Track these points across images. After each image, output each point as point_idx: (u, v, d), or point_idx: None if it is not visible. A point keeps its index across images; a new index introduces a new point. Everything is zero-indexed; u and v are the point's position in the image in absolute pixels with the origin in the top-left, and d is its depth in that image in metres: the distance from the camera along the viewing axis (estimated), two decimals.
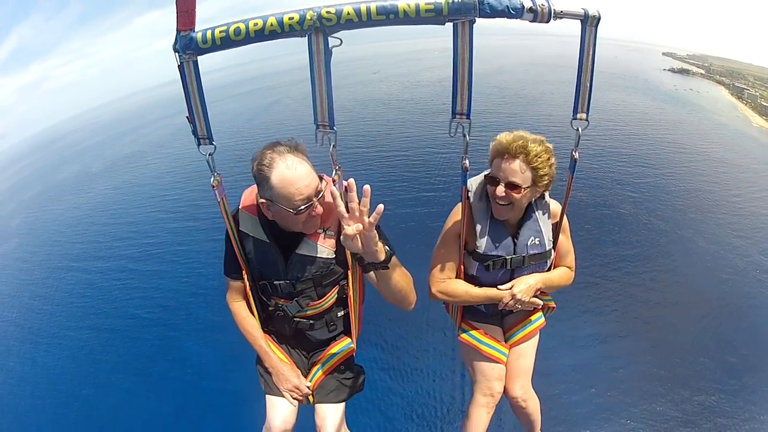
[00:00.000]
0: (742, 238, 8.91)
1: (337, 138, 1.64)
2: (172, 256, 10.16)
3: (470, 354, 2.35)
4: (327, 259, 1.90)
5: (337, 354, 2.15)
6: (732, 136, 21.08)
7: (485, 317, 2.38)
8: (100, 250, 11.25)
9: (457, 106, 1.64)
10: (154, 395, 6.12)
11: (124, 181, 17.74)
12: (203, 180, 1.98)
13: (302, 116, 17.48)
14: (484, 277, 2.16)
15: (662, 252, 8.28)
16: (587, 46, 1.66)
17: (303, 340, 2.17)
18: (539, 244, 2.12)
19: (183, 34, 1.53)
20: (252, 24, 1.50)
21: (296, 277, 1.91)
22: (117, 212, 14.27)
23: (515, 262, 2.11)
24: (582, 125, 1.82)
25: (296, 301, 1.97)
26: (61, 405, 6.20)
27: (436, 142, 12.51)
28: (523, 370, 2.32)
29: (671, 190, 11.69)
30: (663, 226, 9.16)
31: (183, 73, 1.58)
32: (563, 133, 2.15)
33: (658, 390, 5.26)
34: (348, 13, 1.49)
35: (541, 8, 1.52)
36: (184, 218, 12.37)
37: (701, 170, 13.59)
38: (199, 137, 1.69)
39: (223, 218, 1.86)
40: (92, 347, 7.51)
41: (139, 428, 5.57)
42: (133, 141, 28.04)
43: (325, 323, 2.09)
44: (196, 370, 6.40)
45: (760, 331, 6.30)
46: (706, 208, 10.63)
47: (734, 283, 7.35)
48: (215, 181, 1.77)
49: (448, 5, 1.49)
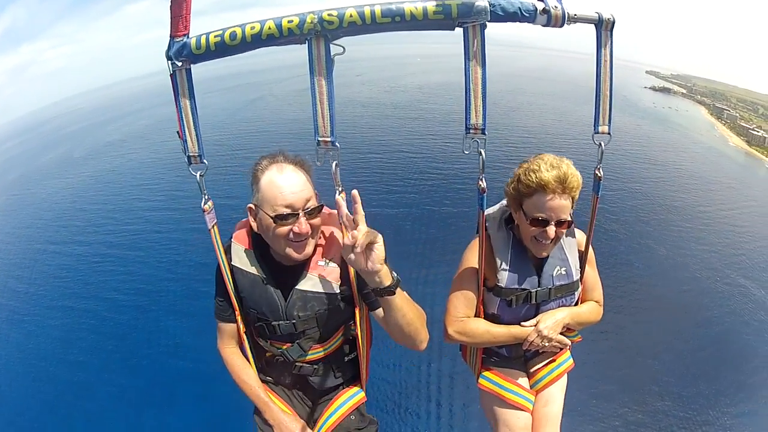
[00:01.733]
0: (705, 249, 9.06)
1: (339, 156, 1.44)
2: (149, 243, 10.19)
3: (492, 402, 2.12)
4: (332, 294, 1.71)
5: (346, 403, 1.94)
6: (707, 153, 21.34)
7: (508, 361, 2.15)
8: (79, 234, 11.18)
9: (471, 119, 1.49)
10: (126, 372, 6.16)
11: (105, 169, 17.66)
12: (182, 171, 1.77)
13: (284, 114, 17.49)
14: (505, 314, 1.96)
15: (623, 260, 8.36)
16: (604, 51, 1.56)
17: (306, 389, 1.95)
18: (566, 275, 1.94)
19: (177, 40, 1.44)
20: (249, 28, 1.41)
21: (297, 316, 1.70)
22: (97, 198, 14.16)
23: (541, 296, 1.92)
24: (605, 139, 1.67)
25: (298, 344, 1.76)
26: (35, 382, 6.21)
27: (420, 147, 12.51)
28: (551, 417, 2.08)
29: (637, 201, 11.75)
30: (624, 234, 9.24)
31: (175, 82, 1.47)
32: (537, 144, 2.06)
33: (612, 391, 5.36)
34: (351, 16, 1.40)
35: (555, 11, 1.44)
36: (161, 207, 12.35)
37: (671, 183, 13.71)
38: (190, 155, 1.54)
39: (214, 249, 1.66)
40: (67, 327, 7.50)
41: (111, 404, 5.61)
42: (116, 129, 27.76)
43: (331, 369, 1.88)
44: (170, 350, 6.45)
45: (720, 340, 6.46)
46: (671, 219, 10.73)
47: (694, 293, 7.49)
48: (207, 206, 1.60)
49: (458, 7, 1.41)
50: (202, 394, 5.58)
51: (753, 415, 5.62)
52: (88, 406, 5.70)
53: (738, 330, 7.48)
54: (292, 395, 1.98)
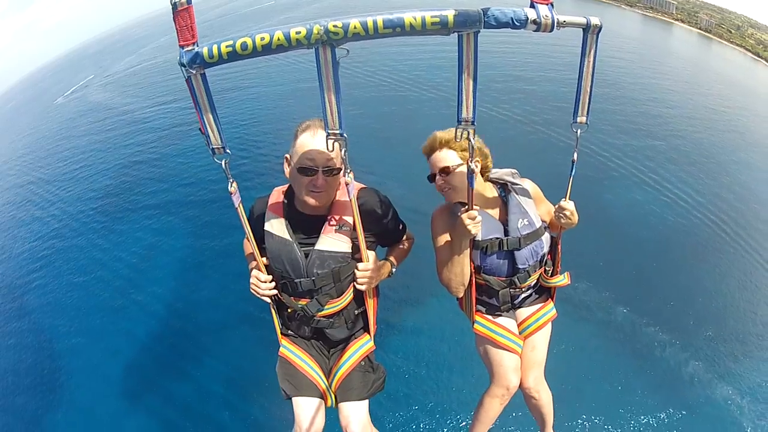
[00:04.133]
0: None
1: (348, 143, 1.70)
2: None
3: (485, 346, 2.38)
4: (344, 253, 2.02)
5: (358, 351, 2.21)
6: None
7: (498, 309, 2.43)
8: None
9: (463, 113, 1.68)
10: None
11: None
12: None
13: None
14: (485, 262, 2.25)
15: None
16: (588, 53, 1.69)
17: (323, 340, 2.25)
18: (529, 224, 2.22)
19: (187, 49, 1.53)
20: (258, 39, 1.50)
21: (316, 273, 2.01)
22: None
23: (511, 243, 2.20)
24: (582, 128, 1.89)
25: (316, 299, 2.06)
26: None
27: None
28: (536, 361, 2.36)
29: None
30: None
31: (192, 87, 1.58)
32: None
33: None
34: (355, 27, 1.50)
35: (545, 20, 1.54)
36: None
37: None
38: (214, 148, 1.72)
39: (242, 224, 1.93)
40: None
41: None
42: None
43: (344, 321, 2.17)
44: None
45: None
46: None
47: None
48: (232, 188, 1.81)
49: (454, 18, 1.51)
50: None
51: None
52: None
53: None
54: (311, 345, 2.25)
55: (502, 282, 2.30)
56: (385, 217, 2.13)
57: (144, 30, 48.59)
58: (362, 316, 2.22)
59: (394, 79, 15.82)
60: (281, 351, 2.21)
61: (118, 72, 27.28)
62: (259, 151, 11.48)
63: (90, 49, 52.40)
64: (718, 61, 32.12)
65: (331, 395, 2.18)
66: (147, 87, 21.24)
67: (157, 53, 29.25)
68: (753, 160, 12.04)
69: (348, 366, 2.18)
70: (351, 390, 2.15)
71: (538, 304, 2.46)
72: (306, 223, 2.04)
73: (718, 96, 18.05)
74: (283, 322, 2.24)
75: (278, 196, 2.12)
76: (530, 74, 16.24)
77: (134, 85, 22.34)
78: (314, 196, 1.94)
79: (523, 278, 2.30)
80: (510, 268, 2.28)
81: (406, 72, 16.26)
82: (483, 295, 2.38)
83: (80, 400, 6.17)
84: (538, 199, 2.32)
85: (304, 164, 1.89)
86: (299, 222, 2.05)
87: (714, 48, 36.90)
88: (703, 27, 40.75)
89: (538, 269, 2.34)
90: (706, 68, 26.88)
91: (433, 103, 13.07)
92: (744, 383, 5.63)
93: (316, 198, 1.95)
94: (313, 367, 2.19)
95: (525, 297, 2.44)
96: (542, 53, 17.51)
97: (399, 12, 1.50)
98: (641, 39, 30.32)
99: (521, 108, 13.13)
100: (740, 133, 13.97)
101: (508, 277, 2.30)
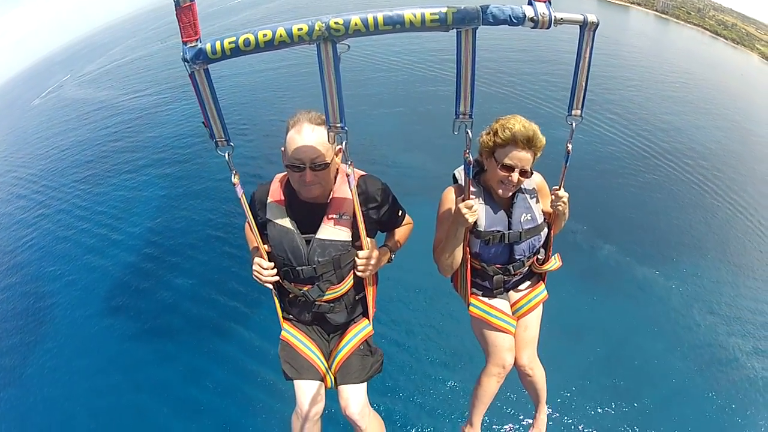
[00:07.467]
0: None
1: (348, 136, 1.75)
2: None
3: (481, 327, 2.46)
4: (344, 242, 2.07)
5: (357, 335, 2.28)
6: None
7: (491, 291, 2.51)
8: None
9: (461, 107, 1.73)
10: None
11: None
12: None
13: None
14: (484, 252, 2.32)
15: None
16: (584, 49, 1.72)
17: (323, 324, 2.32)
18: (531, 219, 2.29)
19: (190, 45, 1.55)
20: (261, 35, 1.53)
21: (317, 261, 2.06)
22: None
23: (512, 237, 2.27)
24: (576, 120, 1.94)
25: (317, 285, 2.12)
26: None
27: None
28: (529, 340, 2.48)
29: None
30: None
31: (195, 81, 1.62)
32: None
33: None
34: (356, 24, 1.53)
35: (542, 17, 1.57)
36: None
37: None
38: (217, 140, 1.76)
39: (245, 212, 2.00)
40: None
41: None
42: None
43: (344, 306, 2.24)
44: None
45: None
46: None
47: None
48: (235, 180, 1.87)
49: (453, 15, 1.53)
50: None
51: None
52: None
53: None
54: (312, 330, 2.31)
55: (498, 269, 2.38)
56: (385, 203, 2.17)
57: (108, 36, 50.71)
58: (362, 301, 2.29)
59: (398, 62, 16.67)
60: (283, 334, 2.28)
61: (92, 71, 28.75)
62: (260, 139, 11.88)
63: (57, 57, 54.46)
64: (673, 37, 35.69)
65: (330, 377, 2.26)
66: (121, 80, 22.89)
67: (126, 53, 31.09)
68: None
69: (347, 350, 2.26)
70: (350, 373, 2.23)
71: (530, 287, 2.57)
72: (307, 211, 2.08)
73: (659, 64, 21.84)
74: (285, 307, 2.30)
75: (279, 184, 2.15)
76: (528, 69, 17.10)
77: (109, 80, 23.90)
78: (306, 189, 1.98)
79: (517, 266, 2.38)
80: (506, 258, 2.37)
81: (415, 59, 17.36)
82: (477, 278, 2.47)
83: (65, 329, 7.25)
84: (543, 193, 2.39)
85: (291, 162, 1.93)
86: (300, 210, 2.09)
87: (671, 27, 40.60)
88: (660, 9, 42.62)
89: (532, 258, 2.43)
90: (659, 41, 30.90)
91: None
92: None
93: (309, 191, 1.99)
94: (314, 350, 2.26)
95: (518, 280, 2.53)
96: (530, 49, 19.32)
97: (399, 9, 1.53)
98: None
99: (518, 98, 13.89)
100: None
101: (503, 266, 2.38)
